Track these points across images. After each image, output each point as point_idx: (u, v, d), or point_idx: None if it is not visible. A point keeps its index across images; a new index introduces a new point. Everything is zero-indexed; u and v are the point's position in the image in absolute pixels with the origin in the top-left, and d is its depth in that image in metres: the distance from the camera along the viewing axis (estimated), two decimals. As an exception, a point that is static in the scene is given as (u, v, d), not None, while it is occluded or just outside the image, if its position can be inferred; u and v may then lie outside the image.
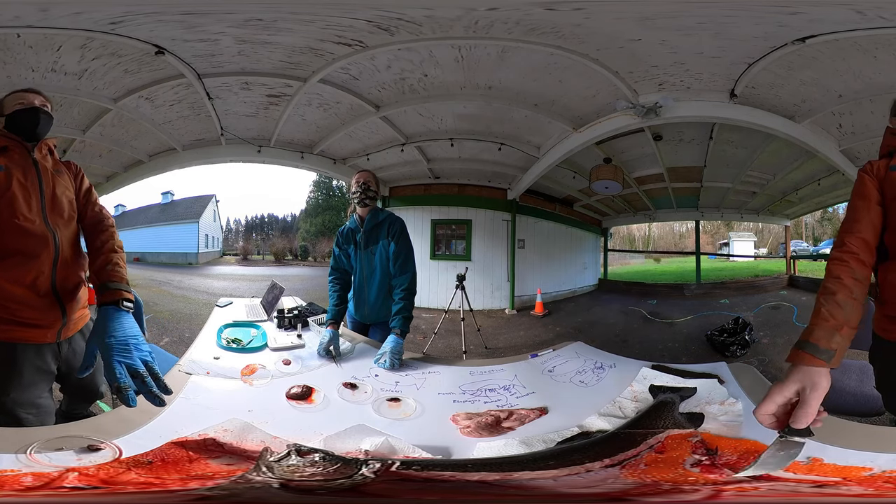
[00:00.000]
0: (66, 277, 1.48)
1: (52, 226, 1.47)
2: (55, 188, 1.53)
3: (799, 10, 2.43)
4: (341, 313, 2.36)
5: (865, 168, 1.36)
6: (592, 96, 3.59)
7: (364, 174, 2.42)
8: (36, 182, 1.48)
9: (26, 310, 1.41)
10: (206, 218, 7.51)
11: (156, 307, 5.17)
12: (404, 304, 2.25)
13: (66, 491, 0.98)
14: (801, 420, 0.95)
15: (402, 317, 2.20)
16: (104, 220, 1.60)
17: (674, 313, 5.18)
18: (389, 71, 3.33)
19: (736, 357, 4.04)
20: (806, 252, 6.38)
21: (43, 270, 1.43)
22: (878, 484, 1.00)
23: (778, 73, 3.10)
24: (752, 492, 1.00)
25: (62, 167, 1.63)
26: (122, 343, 1.23)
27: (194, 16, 2.62)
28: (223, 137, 4.21)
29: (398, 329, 2.13)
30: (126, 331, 1.27)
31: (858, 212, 1.26)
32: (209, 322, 2.50)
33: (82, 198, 1.63)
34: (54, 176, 1.56)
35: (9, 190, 1.40)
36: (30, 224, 1.43)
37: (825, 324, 1.04)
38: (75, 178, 1.65)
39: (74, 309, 1.52)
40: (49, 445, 1.15)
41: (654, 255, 7.61)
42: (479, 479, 1.04)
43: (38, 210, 1.46)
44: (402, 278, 2.31)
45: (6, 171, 1.43)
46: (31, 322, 1.42)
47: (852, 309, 1.06)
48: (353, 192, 2.40)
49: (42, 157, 1.57)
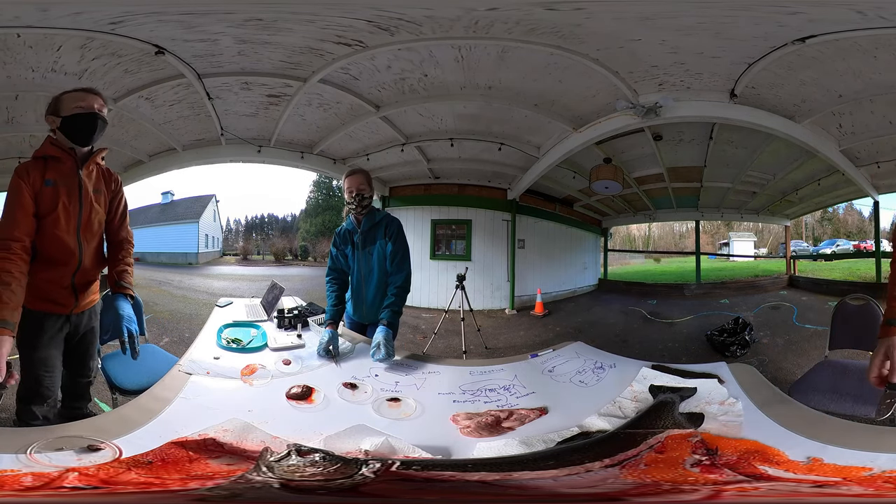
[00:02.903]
0: (83, 278, 1.84)
1: (81, 242, 1.80)
2: (91, 213, 1.82)
3: (799, 10, 2.42)
4: (340, 313, 2.37)
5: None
6: (592, 96, 3.59)
7: (355, 179, 2.38)
8: (77, 205, 1.77)
9: (52, 293, 1.79)
10: (206, 218, 7.50)
11: (156, 307, 5.17)
12: (395, 299, 2.30)
13: (66, 491, 0.98)
14: (894, 375, 1.26)
15: (391, 310, 2.25)
16: (128, 240, 1.97)
17: (674, 313, 5.17)
18: (389, 71, 3.33)
19: (736, 357, 4.04)
20: (806, 252, 6.37)
21: (67, 273, 1.80)
22: (877, 484, 1.00)
23: (778, 73, 3.10)
24: (752, 492, 1.00)
25: (102, 186, 1.87)
26: (128, 317, 1.76)
27: (194, 16, 2.62)
28: (223, 137, 4.21)
29: (385, 320, 2.18)
30: (129, 310, 1.79)
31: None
32: (209, 322, 2.50)
33: (117, 219, 1.94)
34: (92, 200, 1.82)
35: (54, 211, 1.72)
36: (65, 238, 1.76)
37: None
38: (115, 196, 1.92)
39: (85, 297, 1.88)
40: (49, 445, 1.15)
41: (654, 255, 7.60)
42: (479, 479, 1.04)
43: (73, 229, 1.78)
44: (398, 276, 2.35)
45: (54, 188, 1.73)
46: (54, 300, 1.79)
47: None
48: (348, 201, 2.39)
49: (87, 174, 1.80)
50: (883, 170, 4.28)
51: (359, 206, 2.37)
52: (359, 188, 2.36)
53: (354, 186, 2.36)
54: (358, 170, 2.45)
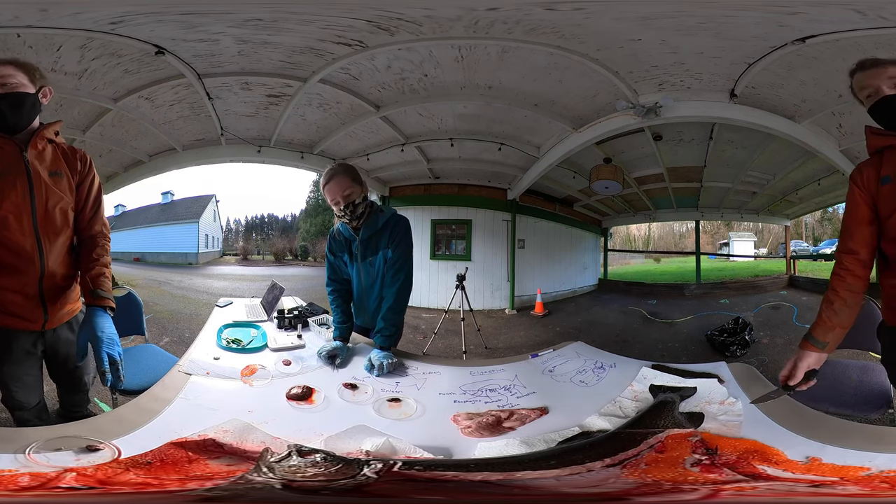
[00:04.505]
0: (52, 286, 1.55)
1: (41, 241, 1.49)
2: (48, 201, 1.47)
3: (799, 10, 2.42)
4: (349, 330, 2.13)
5: (855, 178, 1.41)
6: (592, 96, 3.59)
7: (337, 186, 1.94)
8: (27, 196, 1.43)
9: (14, 307, 1.51)
10: (206, 218, 7.50)
11: (156, 307, 5.17)
12: (385, 324, 1.99)
13: (62, 491, 0.97)
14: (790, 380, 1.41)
15: (383, 335, 1.98)
16: (103, 234, 1.63)
17: (674, 313, 5.17)
18: (389, 71, 3.33)
19: (736, 357, 4.04)
20: (806, 252, 6.37)
21: (29, 282, 1.51)
22: (874, 484, 1.00)
23: (778, 73, 3.10)
24: (750, 491, 1.00)
25: (63, 167, 1.52)
26: (109, 339, 1.45)
27: (194, 16, 2.62)
28: (223, 137, 4.21)
29: (378, 345, 1.97)
30: (110, 329, 1.48)
31: (851, 229, 1.42)
32: (209, 322, 2.49)
33: (88, 208, 1.59)
34: (49, 186, 1.47)
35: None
36: (18, 239, 1.45)
37: (824, 324, 1.42)
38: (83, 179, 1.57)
39: (59, 308, 1.60)
40: (47, 446, 1.15)
41: (654, 255, 7.60)
42: (482, 479, 1.04)
43: (29, 226, 1.46)
44: (390, 291, 2.05)
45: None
46: (19, 314, 1.52)
47: (846, 315, 1.41)
48: (338, 214, 2.01)
49: (37, 156, 1.46)
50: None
51: (354, 217, 1.99)
52: (346, 196, 1.95)
53: (339, 195, 1.95)
54: (338, 170, 1.99)
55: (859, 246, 1.40)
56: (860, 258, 1.40)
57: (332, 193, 1.98)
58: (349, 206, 1.98)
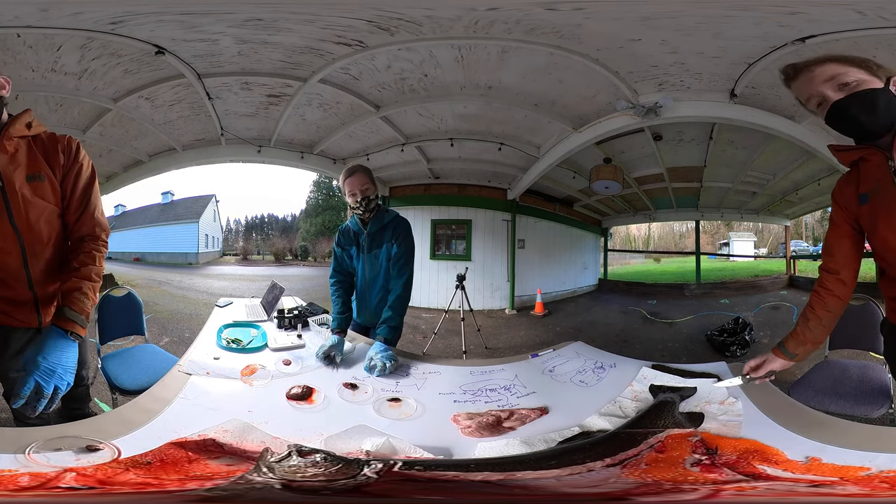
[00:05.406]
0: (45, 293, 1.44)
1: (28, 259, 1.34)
2: (28, 215, 1.31)
3: (799, 10, 2.42)
4: (347, 321, 2.25)
5: (836, 197, 1.44)
6: (592, 96, 3.59)
7: (358, 179, 2.21)
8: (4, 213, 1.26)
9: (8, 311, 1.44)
10: (206, 218, 7.50)
11: (156, 307, 5.17)
12: (392, 313, 2.14)
13: (61, 491, 0.97)
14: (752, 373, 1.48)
15: (389, 326, 2.10)
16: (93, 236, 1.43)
17: (674, 313, 5.17)
18: (389, 71, 3.33)
19: (736, 357, 4.04)
20: (806, 252, 6.37)
21: (19, 293, 1.41)
22: (874, 484, 1.00)
23: (778, 73, 3.10)
24: (750, 491, 1.00)
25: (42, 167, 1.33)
26: (49, 368, 1.23)
27: (194, 16, 2.62)
28: (223, 137, 4.21)
29: (381, 336, 2.05)
30: (60, 359, 1.26)
31: (833, 248, 1.44)
32: (209, 322, 2.49)
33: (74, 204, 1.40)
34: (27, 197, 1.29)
35: None
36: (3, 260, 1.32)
37: (797, 338, 1.43)
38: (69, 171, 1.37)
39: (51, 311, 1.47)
40: (48, 445, 1.15)
41: (654, 255, 7.60)
42: (483, 479, 1.04)
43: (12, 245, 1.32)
44: (398, 282, 2.22)
45: None
46: (13, 316, 1.46)
47: (819, 332, 1.42)
48: (352, 206, 2.24)
49: (10, 161, 1.28)
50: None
51: (366, 210, 2.24)
52: (363, 189, 2.21)
53: (357, 188, 2.21)
54: (359, 168, 2.28)
55: (840, 265, 1.41)
56: (840, 278, 1.40)
57: (352, 186, 2.22)
58: (365, 199, 2.22)
